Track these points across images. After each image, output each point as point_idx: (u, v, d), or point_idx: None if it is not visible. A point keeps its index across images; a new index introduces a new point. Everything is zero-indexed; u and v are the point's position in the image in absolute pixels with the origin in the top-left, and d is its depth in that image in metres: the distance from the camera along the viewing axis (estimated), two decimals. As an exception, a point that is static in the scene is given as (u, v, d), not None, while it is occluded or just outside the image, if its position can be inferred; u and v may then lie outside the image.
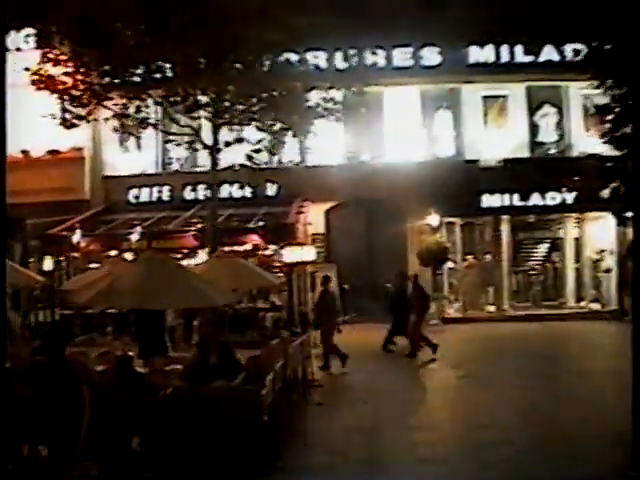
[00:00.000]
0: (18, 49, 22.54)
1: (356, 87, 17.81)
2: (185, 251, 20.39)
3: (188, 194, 23.86)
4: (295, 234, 20.51)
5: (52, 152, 23.91)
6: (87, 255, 20.88)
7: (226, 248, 19.06)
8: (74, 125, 18.21)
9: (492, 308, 24.40)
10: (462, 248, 24.56)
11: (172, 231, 20.81)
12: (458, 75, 23.67)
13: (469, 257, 24.56)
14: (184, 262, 18.41)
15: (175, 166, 24.94)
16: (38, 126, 23.26)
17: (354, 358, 15.77)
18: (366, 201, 24.09)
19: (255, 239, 20.20)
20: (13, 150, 24.00)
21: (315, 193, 23.19)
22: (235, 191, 23.66)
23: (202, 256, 19.66)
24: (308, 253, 20.04)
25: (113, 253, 20.34)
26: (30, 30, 22.40)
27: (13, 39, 22.61)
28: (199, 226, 20.49)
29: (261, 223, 20.51)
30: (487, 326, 22.42)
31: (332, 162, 23.70)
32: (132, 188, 23.95)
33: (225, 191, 23.43)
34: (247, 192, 23.80)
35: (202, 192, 23.56)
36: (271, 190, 23.75)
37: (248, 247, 20.37)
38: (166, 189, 24.00)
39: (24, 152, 24.03)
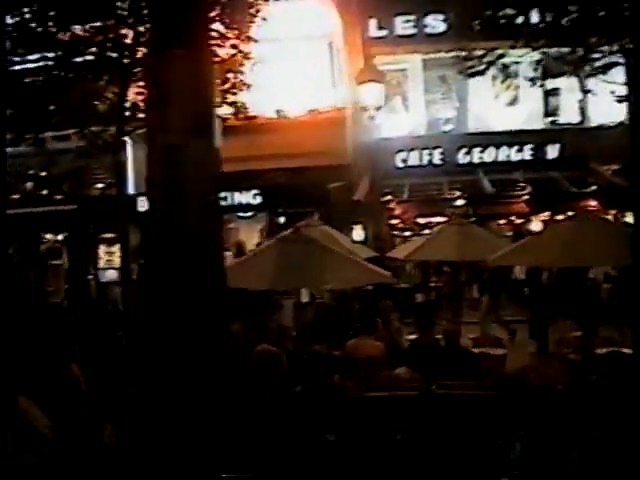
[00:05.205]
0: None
1: None
2: (512, 218, 18.73)
3: (462, 157, 21.96)
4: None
5: (312, 112, 21.92)
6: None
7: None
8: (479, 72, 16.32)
9: None
10: None
11: (502, 196, 19.00)
12: None
13: None
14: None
15: (447, 127, 23.04)
16: (295, 84, 21.44)
17: None
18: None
19: (593, 204, 18.43)
20: (267, 111, 22.01)
21: (598, 156, 21.38)
22: (514, 154, 21.79)
23: (537, 223, 18.01)
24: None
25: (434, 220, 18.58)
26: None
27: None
28: (528, 190, 18.74)
29: (593, 187, 18.69)
30: None
31: (616, 121, 21.81)
32: (400, 152, 21.99)
33: (503, 154, 21.76)
34: (526, 155, 21.90)
35: (477, 155, 21.80)
36: (552, 153, 21.86)
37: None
38: (437, 152, 22.05)
39: (279, 112, 22.03)
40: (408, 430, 7.62)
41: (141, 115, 13.95)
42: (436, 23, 21.45)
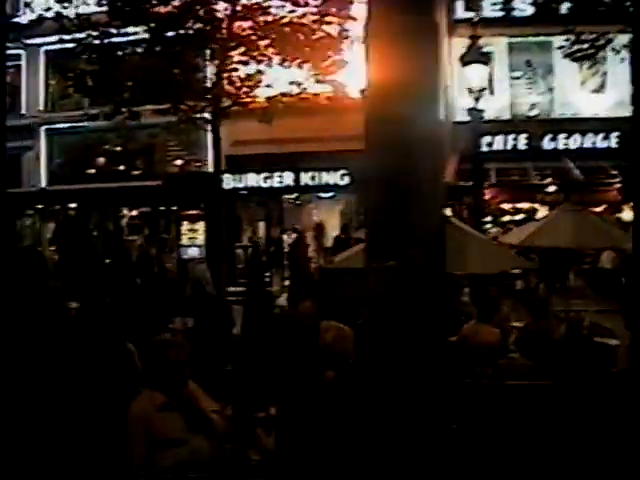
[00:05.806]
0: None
1: None
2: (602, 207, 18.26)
3: (547, 143, 21.43)
4: None
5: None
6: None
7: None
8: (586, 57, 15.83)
9: None
10: None
11: (594, 183, 18.53)
12: None
13: None
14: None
15: (532, 112, 22.50)
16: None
17: None
18: None
19: None
20: (352, 91, 21.69)
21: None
22: (599, 141, 21.20)
23: (628, 212, 17.45)
24: None
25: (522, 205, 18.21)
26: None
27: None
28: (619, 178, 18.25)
29: None
30: None
31: None
32: (485, 135, 21.46)
33: (589, 141, 21.18)
34: (612, 142, 21.29)
35: (562, 141, 21.24)
36: None
37: None
38: (522, 137, 21.54)
39: (363, 92, 21.66)
40: (539, 420, 7.37)
41: (242, 93, 13.91)
42: (524, 6, 20.88)
